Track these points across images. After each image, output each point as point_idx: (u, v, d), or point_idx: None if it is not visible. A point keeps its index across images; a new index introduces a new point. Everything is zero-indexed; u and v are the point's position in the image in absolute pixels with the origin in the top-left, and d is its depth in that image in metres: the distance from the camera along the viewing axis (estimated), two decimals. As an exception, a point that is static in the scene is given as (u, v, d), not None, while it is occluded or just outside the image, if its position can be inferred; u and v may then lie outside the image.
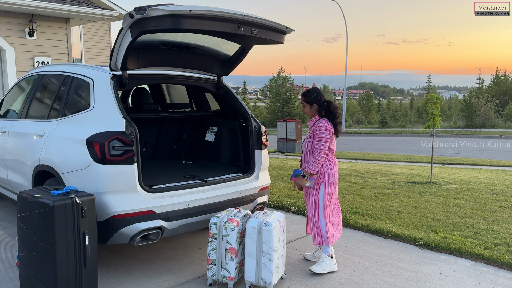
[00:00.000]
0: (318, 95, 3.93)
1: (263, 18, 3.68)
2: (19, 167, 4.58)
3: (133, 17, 3.26)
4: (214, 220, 3.58)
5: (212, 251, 3.56)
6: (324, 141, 3.80)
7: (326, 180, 3.87)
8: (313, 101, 3.92)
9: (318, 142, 3.81)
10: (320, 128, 3.82)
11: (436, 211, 5.70)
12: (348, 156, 13.89)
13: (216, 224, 3.55)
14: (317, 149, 3.81)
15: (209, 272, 3.58)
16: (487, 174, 9.30)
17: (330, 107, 3.90)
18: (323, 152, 3.80)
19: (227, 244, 3.50)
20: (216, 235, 3.54)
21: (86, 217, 3.20)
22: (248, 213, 3.77)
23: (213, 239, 3.56)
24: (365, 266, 4.06)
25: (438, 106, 7.67)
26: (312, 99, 3.92)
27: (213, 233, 3.56)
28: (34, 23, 9.48)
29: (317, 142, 3.82)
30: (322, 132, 3.81)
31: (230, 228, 3.50)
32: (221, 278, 3.54)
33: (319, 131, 3.82)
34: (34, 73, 5.17)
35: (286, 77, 40.45)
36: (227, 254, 3.51)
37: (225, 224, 3.52)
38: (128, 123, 3.52)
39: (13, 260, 4.12)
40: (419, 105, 42.01)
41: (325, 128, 3.82)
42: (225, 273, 3.52)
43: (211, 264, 3.57)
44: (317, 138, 3.82)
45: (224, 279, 3.54)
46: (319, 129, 3.83)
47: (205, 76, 4.68)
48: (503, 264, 4.03)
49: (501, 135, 21.83)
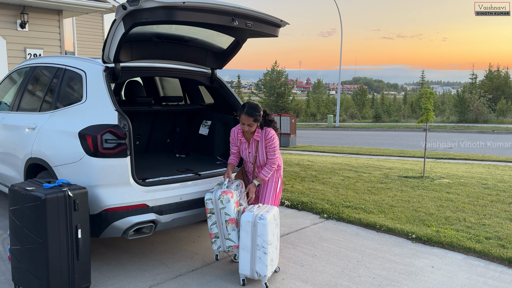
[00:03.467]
0: (260, 109, 3.81)
1: (257, 11, 3.66)
2: (10, 160, 4.54)
3: (126, 8, 3.22)
4: (209, 196, 3.65)
5: (213, 225, 3.67)
6: (277, 149, 3.86)
7: (281, 174, 4.02)
8: (259, 117, 3.79)
9: (274, 152, 3.84)
10: (273, 138, 3.83)
11: (428, 205, 5.74)
12: (341, 151, 13.94)
13: (212, 200, 3.63)
14: (272, 159, 3.84)
15: (214, 246, 3.71)
16: (480, 168, 9.38)
17: (269, 116, 3.87)
18: (276, 159, 3.87)
19: (226, 215, 3.60)
20: (214, 210, 3.63)
21: (78, 210, 3.18)
22: (240, 182, 3.84)
23: (211, 214, 3.65)
24: (358, 259, 4.08)
25: (431, 101, 7.70)
26: (259, 117, 3.78)
27: (210, 208, 3.64)
28: (25, 15, 9.37)
29: (273, 152, 3.84)
30: (275, 141, 3.83)
31: (226, 200, 3.58)
32: (227, 248, 3.67)
33: (272, 140, 3.82)
34: (25, 65, 5.11)
35: (280, 71, 40.41)
36: (228, 225, 3.61)
37: (220, 197, 3.60)
38: (121, 116, 3.49)
39: (5, 253, 4.09)
40: (413, 100, 42.20)
41: (276, 136, 3.86)
42: (230, 243, 3.65)
43: (214, 237, 3.69)
44: (272, 148, 3.83)
45: (230, 249, 3.67)
46: (272, 139, 3.82)
47: (199, 69, 4.65)
48: (494, 257, 4.07)
49: (493, 130, 22.00)
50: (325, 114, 37.78)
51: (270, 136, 3.83)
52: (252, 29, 3.75)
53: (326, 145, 16.51)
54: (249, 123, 3.76)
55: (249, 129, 3.81)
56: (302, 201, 5.86)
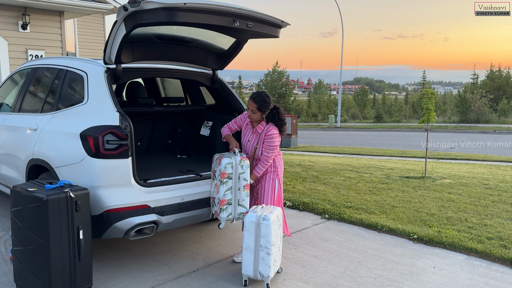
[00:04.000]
0: (270, 103, 3.80)
1: (258, 12, 3.66)
2: (12, 161, 4.55)
3: (127, 10, 3.23)
4: (229, 161, 3.63)
5: (228, 191, 3.64)
6: (274, 149, 3.79)
7: (279, 174, 3.94)
8: (266, 109, 3.79)
9: (270, 151, 3.78)
10: (272, 136, 3.77)
11: (430, 206, 5.74)
12: (343, 151, 13.93)
13: (232, 164, 3.63)
14: (266, 157, 3.80)
15: (223, 213, 3.64)
16: (481, 168, 9.36)
17: (279, 114, 3.82)
18: (270, 158, 3.81)
19: (244, 181, 3.65)
20: (232, 175, 3.63)
21: (80, 211, 3.19)
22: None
23: (228, 179, 3.63)
24: (359, 260, 4.08)
25: (432, 101, 7.68)
26: (265, 107, 3.77)
27: (228, 173, 3.63)
28: (27, 16, 9.39)
29: (268, 150, 3.78)
30: (274, 141, 3.77)
31: (246, 165, 3.66)
32: (238, 215, 3.66)
33: (271, 139, 3.77)
34: (27, 67, 5.12)
35: (281, 71, 40.45)
36: (244, 190, 3.66)
37: (240, 162, 3.64)
38: (122, 117, 3.50)
39: (7, 254, 4.10)
40: (414, 100, 42.18)
41: (277, 136, 3.79)
42: (242, 210, 3.67)
43: (226, 204, 3.65)
44: (269, 147, 3.78)
45: (240, 216, 3.67)
46: (271, 137, 3.77)
47: (200, 70, 4.66)
48: (496, 258, 4.06)
49: (495, 130, 21.97)
50: (326, 115, 37.78)
51: (270, 134, 3.78)
52: (253, 30, 3.75)
53: (328, 146, 16.50)
54: (252, 109, 3.78)
55: (252, 116, 3.82)
56: (303, 201, 5.85)
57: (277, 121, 3.81)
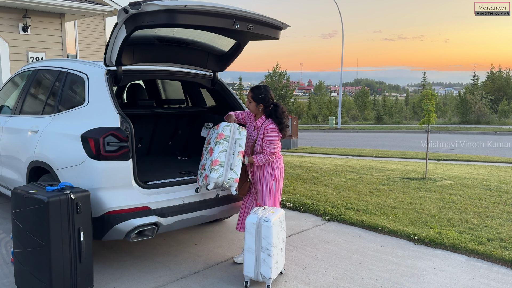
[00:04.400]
0: (267, 95, 3.82)
1: (258, 14, 3.67)
2: (13, 163, 4.56)
3: (127, 12, 3.24)
4: (228, 124, 3.75)
5: (222, 152, 3.63)
6: (274, 144, 3.77)
7: (277, 176, 3.88)
8: (261, 101, 3.81)
9: (270, 145, 3.77)
10: (270, 131, 3.77)
11: (430, 207, 5.74)
12: (343, 152, 13.92)
13: (230, 128, 3.71)
14: (268, 152, 3.78)
15: (214, 174, 3.56)
16: (482, 170, 9.35)
17: (277, 111, 3.80)
18: (273, 154, 3.79)
19: (239, 147, 3.67)
20: (229, 138, 3.67)
21: (81, 213, 3.20)
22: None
23: (225, 141, 3.65)
24: (360, 261, 4.08)
25: (433, 102, 7.68)
26: (260, 98, 3.81)
27: (226, 135, 3.67)
28: (28, 18, 9.40)
29: (268, 145, 3.77)
30: (272, 135, 3.76)
31: (243, 133, 3.73)
32: (228, 180, 3.60)
33: (270, 133, 3.77)
34: (28, 69, 5.13)
35: (282, 73, 40.45)
36: (238, 156, 3.65)
37: (239, 128, 3.73)
38: (123, 119, 3.50)
39: (7, 256, 4.10)
40: (414, 102, 42.15)
41: (276, 131, 3.77)
42: (232, 175, 3.61)
43: (218, 165, 3.59)
44: (269, 141, 3.77)
45: (230, 181, 3.61)
46: (269, 132, 3.77)
47: (200, 72, 4.66)
48: (496, 259, 4.06)
49: (495, 131, 21.96)
50: (326, 116, 37.76)
51: (268, 128, 3.78)
52: (253, 32, 3.76)
53: (328, 147, 16.49)
54: (248, 97, 3.88)
55: (249, 106, 3.92)
56: (304, 203, 5.85)
57: (274, 118, 3.80)
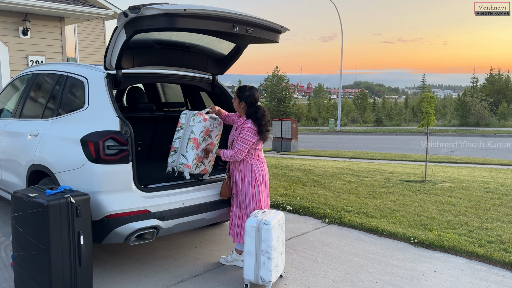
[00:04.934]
0: (250, 96, 3.82)
1: (258, 17, 3.68)
2: (13, 166, 4.56)
3: (127, 16, 3.25)
4: (185, 112, 3.89)
5: (177, 139, 3.85)
6: (246, 143, 3.73)
7: (258, 180, 3.84)
8: (243, 99, 3.83)
9: (241, 143, 3.73)
10: (245, 128, 3.75)
11: (430, 209, 5.74)
12: (343, 155, 13.93)
13: (186, 115, 3.86)
14: (236, 148, 3.74)
15: (169, 159, 3.87)
16: (481, 172, 9.36)
17: (257, 113, 3.78)
18: (242, 152, 3.74)
19: (191, 134, 3.79)
20: (184, 125, 3.83)
21: (81, 217, 3.20)
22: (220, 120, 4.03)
23: (180, 129, 3.84)
24: (360, 264, 4.08)
25: (432, 105, 7.70)
26: (242, 96, 3.83)
27: (181, 123, 3.86)
28: (28, 22, 9.43)
29: (239, 142, 3.74)
30: (246, 134, 3.73)
31: (197, 120, 3.79)
32: (179, 165, 3.79)
33: (244, 131, 3.75)
34: (28, 72, 5.14)
35: (281, 76, 40.51)
36: (189, 143, 3.79)
37: (193, 116, 3.81)
38: (123, 122, 3.51)
39: (7, 260, 4.10)
40: (414, 104, 42.21)
41: (251, 131, 3.74)
42: (183, 160, 3.78)
43: (173, 151, 3.86)
44: (240, 138, 3.74)
45: (181, 166, 3.79)
46: (244, 129, 3.75)
47: (200, 75, 4.67)
48: (496, 261, 4.06)
49: (495, 133, 21.97)
50: (326, 119, 37.79)
51: (245, 126, 3.75)
52: (252, 35, 3.77)
53: (328, 150, 16.50)
54: (234, 94, 3.95)
55: (233, 102, 3.96)
56: (303, 206, 5.85)
57: (254, 119, 3.78)
